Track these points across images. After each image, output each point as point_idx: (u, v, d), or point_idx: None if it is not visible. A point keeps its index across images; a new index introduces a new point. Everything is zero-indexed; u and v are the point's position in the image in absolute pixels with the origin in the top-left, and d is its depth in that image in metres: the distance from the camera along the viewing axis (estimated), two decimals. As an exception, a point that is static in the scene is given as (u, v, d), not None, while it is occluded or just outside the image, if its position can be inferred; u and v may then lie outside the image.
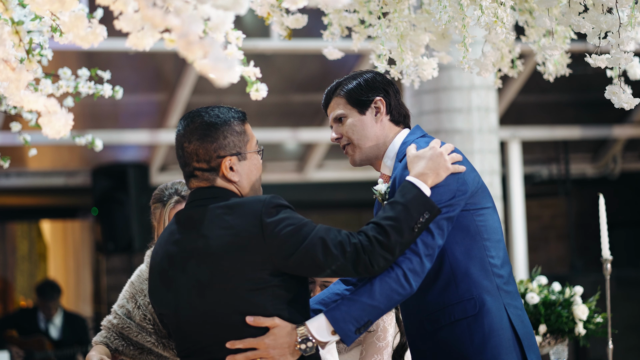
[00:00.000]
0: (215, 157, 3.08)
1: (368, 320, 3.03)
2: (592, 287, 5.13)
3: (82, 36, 2.75)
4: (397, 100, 3.40)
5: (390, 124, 3.39)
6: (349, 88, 3.39)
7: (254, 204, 2.97)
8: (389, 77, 3.45)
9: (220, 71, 2.37)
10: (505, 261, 3.28)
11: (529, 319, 3.33)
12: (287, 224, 2.94)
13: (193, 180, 3.11)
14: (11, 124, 4.64)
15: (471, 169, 3.26)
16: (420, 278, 3.08)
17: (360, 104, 3.37)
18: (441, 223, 3.13)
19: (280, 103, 9.42)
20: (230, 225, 2.94)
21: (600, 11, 3.45)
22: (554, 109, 10.44)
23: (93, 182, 9.55)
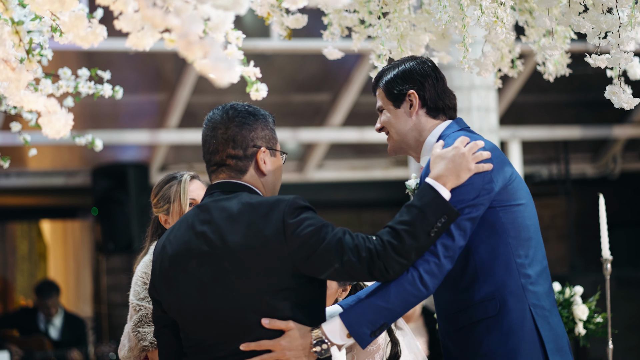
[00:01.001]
0: (251, 146, 3.06)
1: (384, 323, 3.02)
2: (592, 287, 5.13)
3: (82, 36, 2.75)
4: (436, 92, 3.31)
5: (427, 117, 3.32)
6: (386, 80, 3.34)
7: (278, 203, 2.96)
8: (430, 64, 3.35)
9: (220, 71, 2.37)
10: (536, 260, 3.20)
11: (560, 321, 3.25)
12: (308, 225, 2.93)
13: (221, 171, 3.06)
14: (11, 124, 4.64)
15: (502, 165, 3.18)
16: (438, 280, 3.04)
17: (394, 97, 3.33)
18: (463, 224, 3.07)
19: (280, 103, 9.42)
20: (253, 223, 2.93)
21: (600, 11, 3.45)
22: (554, 109, 10.44)
23: (93, 182, 9.55)
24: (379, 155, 10.20)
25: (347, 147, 10.05)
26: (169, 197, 3.72)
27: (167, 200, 3.72)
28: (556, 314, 3.23)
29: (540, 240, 3.27)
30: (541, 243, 3.26)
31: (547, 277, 3.26)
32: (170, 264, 3.02)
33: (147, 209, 10.22)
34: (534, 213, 3.27)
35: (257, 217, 2.94)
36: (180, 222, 3.07)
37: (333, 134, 9.57)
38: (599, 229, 4.37)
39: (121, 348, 3.77)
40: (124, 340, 3.74)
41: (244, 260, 2.91)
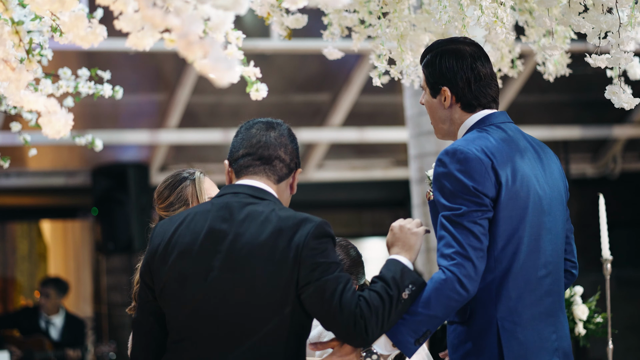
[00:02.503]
0: (295, 162, 3.09)
1: (427, 330, 3.04)
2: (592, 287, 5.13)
3: (82, 36, 2.75)
4: (471, 89, 3.26)
5: (462, 111, 3.28)
6: (426, 65, 3.30)
7: (306, 222, 2.94)
8: (470, 58, 3.29)
9: (220, 71, 2.37)
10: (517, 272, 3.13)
11: (543, 335, 3.16)
12: (326, 254, 2.93)
13: (263, 170, 3.04)
14: (11, 124, 4.64)
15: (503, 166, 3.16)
16: (477, 281, 3.04)
17: (432, 87, 3.30)
18: (481, 222, 3.07)
19: (280, 103, 9.42)
20: (274, 234, 2.91)
21: (600, 11, 3.45)
22: (554, 109, 10.45)
23: (93, 182, 9.55)
24: (379, 155, 10.20)
25: (347, 147, 10.05)
26: (186, 199, 3.61)
27: (183, 202, 3.60)
28: (533, 327, 3.14)
29: (543, 250, 3.20)
30: (542, 253, 3.19)
31: (541, 286, 3.18)
32: (178, 255, 2.98)
33: (147, 209, 10.23)
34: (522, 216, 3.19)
35: (281, 229, 2.92)
36: (195, 213, 3.03)
37: (333, 134, 9.57)
38: (599, 229, 4.37)
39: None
40: None
41: (256, 267, 2.91)
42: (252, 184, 3.03)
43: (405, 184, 8.96)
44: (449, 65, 3.26)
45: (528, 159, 3.28)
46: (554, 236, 3.24)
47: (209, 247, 2.95)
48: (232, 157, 3.11)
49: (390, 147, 9.97)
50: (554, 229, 3.24)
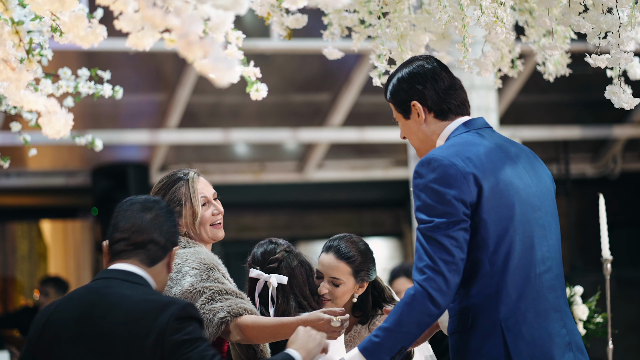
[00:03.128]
0: (171, 241, 3.08)
1: (402, 347, 3.06)
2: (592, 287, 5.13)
3: (82, 36, 2.75)
4: (438, 95, 3.28)
5: (437, 121, 3.30)
6: (391, 93, 3.34)
7: (171, 305, 2.94)
8: (428, 66, 3.31)
9: (220, 71, 2.37)
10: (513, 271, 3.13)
11: (550, 325, 3.15)
12: (187, 332, 2.91)
13: (135, 254, 3.06)
14: (11, 124, 4.64)
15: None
16: (449, 295, 3.04)
17: (403, 110, 3.32)
18: (455, 234, 3.06)
19: (280, 103, 9.42)
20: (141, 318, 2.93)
21: (600, 11, 3.45)
22: (554, 109, 10.44)
23: (93, 182, 9.55)
24: (379, 155, 10.20)
25: (347, 147, 10.05)
26: (180, 200, 3.61)
27: (177, 202, 3.61)
28: (540, 324, 3.13)
29: (539, 246, 3.20)
30: (538, 249, 3.20)
31: (540, 282, 3.18)
32: (50, 342, 2.98)
33: (147, 209, 10.16)
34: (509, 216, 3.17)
35: (146, 313, 2.93)
36: (69, 299, 3.05)
37: (333, 134, 9.57)
38: (599, 229, 4.37)
39: None
40: None
41: (121, 352, 2.92)
42: (125, 269, 3.04)
43: (405, 184, 8.96)
44: (409, 82, 3.29)
45: (508, 159, 3.25)
46: (548, 232, 3.25)
47: (77, 333, 2.96)
48: (110, 239, 3.16)
49: (390, 147, 9.97)
50: (547, 224, 3.25)
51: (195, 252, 3.52)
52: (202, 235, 3.63)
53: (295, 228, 11.26)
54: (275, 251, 3.79)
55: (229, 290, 3.41)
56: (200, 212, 3.61)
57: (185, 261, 3.47)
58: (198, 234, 3.62)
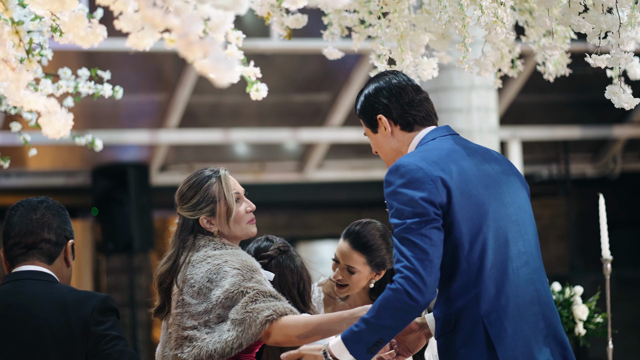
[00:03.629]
0: (64, 236, 3.23)
1: (379, 339, 3.09)
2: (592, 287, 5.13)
3: (82, 36, 2.75)
4: (402, 107, 3.34)
5: (403, 133, 3.35)
6: (360, 107, 3.41)
7: (91, 297, 3.10)
8: (390, 79, 3.38)
9: (220, 71, 2.37)
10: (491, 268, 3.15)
11: (532, 324, 3.17)
12: (109, 327, 3.08)
13: (32, 255, 3.16)
14: (11, 124, 4.64)
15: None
16: (425, 292, 3.07)
17: (370, 125, 3.38)
18: (428, 233, 3.10)
19: (280, 103, 9.42)
20: (63, 311, 3.06)
21: (600, 11, 3.45)
22: (554, 109, 10.44)
23: (93, 182, 9.55)
24: (379, 155, 10.20)
25: (347, 147, 10.05)
26: (213, 197, 3.53)
27: (210, 200, 3.53)
28: (522, 317, 3.15)
29: (514, 242, 3.22)
30: (513, 244, 3.21)
31: (518, 277, 3.19)
32: None
33: (147, 209, 10.23)
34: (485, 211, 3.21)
35: (67, 306, 3.07)
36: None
37: (333, 134, 9.57)
38: (599, 229, 4.37)
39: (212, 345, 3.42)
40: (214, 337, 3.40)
41: (47, 347, 3.01)
42: (30, 269, 3.16)
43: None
44: (375, 96, 3.35)
45: (474, 160, 3.27)
46: (523, 227, 3.27)
47: (1, 336, 3.04)
48: (4, 247, 3.23)
49: (390, 147, 9.96)
50: (521, 220, 3.28)
51: (235, 253, 3.48)
52: (236, 232, 3.56)
53: (295, 228, 11.26)
54: (269, 248, 3.81)
55: (272, 292, 3.39)
56: (235, 209, 3.56)
57: (226, 262, 3.42)
58: (231, 231, 3.55)
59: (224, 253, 3.46)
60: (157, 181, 9.71)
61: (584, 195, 11.52)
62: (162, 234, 12.80)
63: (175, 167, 9.83)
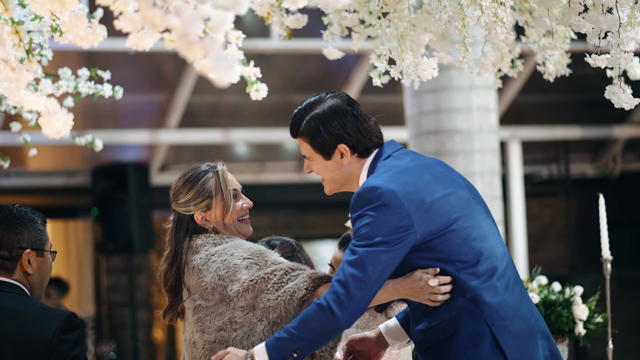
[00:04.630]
0: (17, 248, 3.29)
1: (296, 350, 3.09)
2: (592, 287, 5.13)
3: (82, 36, 2.75)
4: (362, 134, 3.27)
5: (359, 159, 3.30)
6: (311, 132, 3.30)
7: (54, 316, 3.19)
8: (347, 106, 3.28)
9: (220, 71, 2.37)
10: (488, 268, 3.18)
11: (526, 314, 3.21)
12: (73, 347, 3.18)
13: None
14: (11, 124, 4.64)
15: (420, 197, 3.14)
16: (351, 311, 3.06)
17: (323, 150, 3.30)
18: (377, 256, 3.08)
19: (280, 103, 9.42)
20: (25, 327, 3.15)
21: (600, 11, 3.45)
22: (554, 109, 10.44)
23: (93, 182, 9.55)
24: (379, 155, 10.20)
25: (347, 147, 10.05)
26: (210, 192, 3.44)
27: (207, 195, 3.44)
28: (518, 316, 3.18)
29: (495, 243, 3.23)
30: (495, 245, 3.23)
31: (508, 277, 3.21)
32: None
33: (147, 209, 10.23)
34: (477, 222, 3.21)
35: (29, 323, 3.15)
36: None
37: (333, 134, 9.56)
38: (599, 229, 4.37)
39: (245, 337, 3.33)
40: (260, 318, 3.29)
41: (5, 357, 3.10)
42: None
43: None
44: (334, 123, 3.27)
45: (437, 174, 3.26)
46: (495, 228, 3.29)
47: None
48: None
49: (390, 147, 9.96)
50: (492, 222, 3.30)
51: (237, 244, 3.36)
52: (232, 230, 3.46)
53: (295, 228, 11.25)
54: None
55: (293, 267, 3.30)
56: (232, 204, 3.46)
57: (232, 255, 3.31)
58: (228, 228, 3.45)
59: (226, 247, 3.35)
60: (157, 181, 9.71)
61: (584, 195, 11.52)
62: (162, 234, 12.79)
63: (175, 167, 9.83)
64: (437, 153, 6.78)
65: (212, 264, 3.31)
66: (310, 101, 3.34)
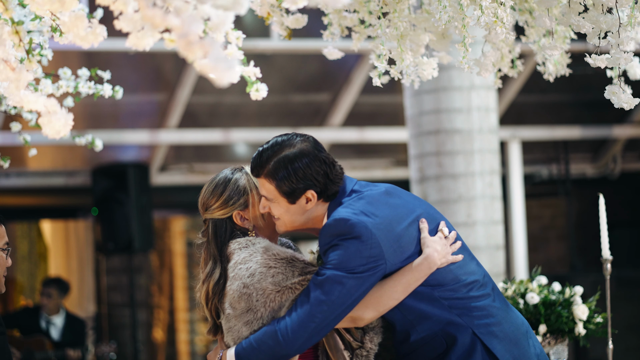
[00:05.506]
0: None
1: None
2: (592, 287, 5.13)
3: (82, 36, 2.75)
4: (330, 179, 3.23)
5: (324, 204, 3.26)
6: (279, 176, 3.22)
7: None
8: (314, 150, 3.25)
9: (220, 71, 2.37)
10: (464, 280, 3.21)
11: (512, 317, 3.26)
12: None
13: None
14: (11, 124, 4.64)
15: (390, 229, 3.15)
16: (296, 336, 3.08)
17: (288, 195, 3.23)
18: (345, 281, 3.08)
19: (280, 103, 9.42)
20: None
21: (600, 11, 3.45)
22: (554, 109, 10.44)
23: (93, 182, 9.55)
24: (379, 155, 10.21)
25: (347, 147, 10.06)
26: (245, 188, 3.39)
27: (243, 191, 3.39)
28: (504, 318, 3.22)
29: (467, 257, 3.26)
30: (468, 259, 3.26)
31: (484, 285, 3.25)
32: None
33: (147, 209, 10.21)
34: None
35: None
36: None
37: (333, 134, 9.57)
38: (599, 229, 4.37)
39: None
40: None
41: None
42: None
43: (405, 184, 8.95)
44: (305, 169, 3.21)
45: (397, 199, 3.27)
46: (461, 239, 3.32)
47: None
48: None
49: (390, 147, 9.97)
50: (458, 236, 3.33)
51: (265, 248, 3.31)
52: (271, 225, 3.40)
53: (295, 228, 11.24)
54: None
55: None
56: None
57: (257, 263, 3.27)
58: (267, 221, 3.40)
59: (252, 252, 3.30)
60: (157, 181, 9.71)
61: (584, 195, 11.52)
62: (162, 234, 12.80)
63: (175, 167, 9.83)
64: (437, 153, 6.79)
65: (238, 271, 3.28)
66: (279, 142, 3.27)
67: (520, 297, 4.36)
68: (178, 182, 9.81)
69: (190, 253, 12.46)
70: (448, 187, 6.81)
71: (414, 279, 3.15)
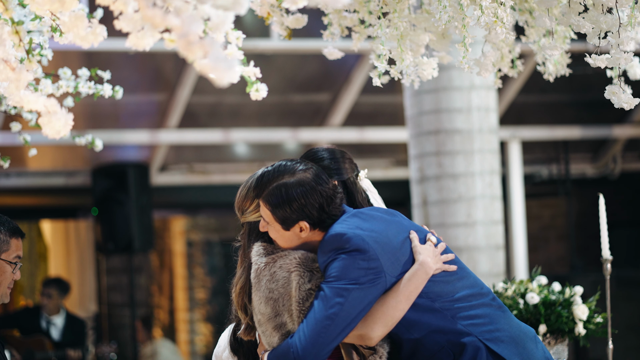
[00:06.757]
0: None
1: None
2: (592, 287, 5.13)
3: (82, 36, 2.75)
4: (325, 212, 3.22)
5: (320, 233, 3.24)
6: (274, 203, 3.21)
7: None
8: (314, 183, 3.23)
9: (220, 71, 2.37)
10: (461, 290, 3.23)
11: (510, 319, 3.27)
12: None
13: None
14: (11, 124, 4.64)
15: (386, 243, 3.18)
16: (305, 353, 3.09)
17: (283, 222, 3.22)
18: (348, 292, 3.09)
19: (280, 103, 9.42)
20: None
21: (600, 11, 3.45)
22: (554, 109, 10.45)
23: (93, 182, 9.56)
24: (379, 155, 10.20)
25: (347, 147, 10.01)
26: None
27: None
28: (508, 324, 3.24)
29: (464, 272, 3.28)
30: (464, 273, 3.28)
31: (484, 295, 3.27)
32: None
33: (147, 209, 10.22)
34: None
35: None
36: None
37: (333, 134, 9.57)
38: (599, 229, 4.37)
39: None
40: None
41: None
42: None
43: (405, 184, 8.96)
44: (300, 201, 3.20)
45: (388, 217, 3.31)
46: (453, 253, 3.35)
47: None
48: None
49: (390, 147, 9.98)
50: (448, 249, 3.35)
51: (284, 254, 3.32)
52: None
53: (295, 228, 11.24)
54: None
55: None
56: None
57: (280, 268, 3.29)
58: None
59: (275, 256, 3.30)
60: (157, 181, 9.71)
61: (584, 195, 11.52)
62: (162, 234, 12.80)
63: (175, 167, 9.83)
64: (437, 153, 6.79)
65: (262, 277, 3.29)
66: (282, 166, 3.26)
67: (520, 297, 4.37)
68: (178, 182, 9.81)
69: (190, 253, 12.46)
70: (448, 187, 6.81)
71: (414, 287, 3.17)
